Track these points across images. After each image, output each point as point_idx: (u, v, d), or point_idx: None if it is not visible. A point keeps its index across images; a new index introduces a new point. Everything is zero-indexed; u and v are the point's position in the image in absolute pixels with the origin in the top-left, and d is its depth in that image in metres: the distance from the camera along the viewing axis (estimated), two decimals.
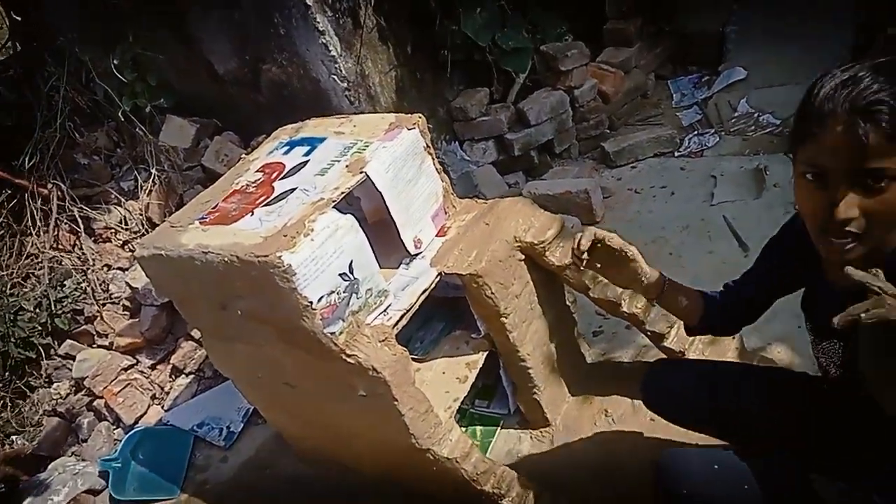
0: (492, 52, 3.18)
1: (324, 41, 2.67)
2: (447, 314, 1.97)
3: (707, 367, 1.61)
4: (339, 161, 1.66)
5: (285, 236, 1.42)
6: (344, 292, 1.50)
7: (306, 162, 1.71)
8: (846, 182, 0.95)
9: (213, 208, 1.65)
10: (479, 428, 2.03)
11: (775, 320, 1.86)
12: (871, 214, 0.95)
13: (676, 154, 3.25)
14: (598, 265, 1.35)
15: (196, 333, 2.64)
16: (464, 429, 1.87)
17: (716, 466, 1.25)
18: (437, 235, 1.80)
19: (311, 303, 1.43)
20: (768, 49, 3.55)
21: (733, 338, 1.87)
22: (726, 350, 1.85)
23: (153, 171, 2.95)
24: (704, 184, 2.96)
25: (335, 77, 2.73)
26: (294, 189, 1.61)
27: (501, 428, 2.01)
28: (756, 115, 3.25)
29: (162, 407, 2.67)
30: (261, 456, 2.35)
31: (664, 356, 1.85)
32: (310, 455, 2.14)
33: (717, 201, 2.82)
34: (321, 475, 2.10)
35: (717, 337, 1.89)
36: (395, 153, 1.65)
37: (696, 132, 3.36)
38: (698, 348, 1.84)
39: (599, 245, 1.31)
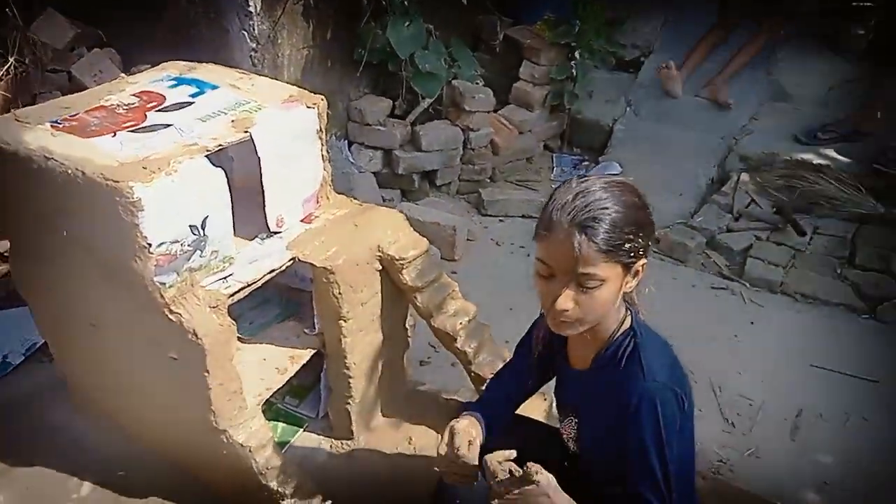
0: (406, 68, 3.21)
1: None
2: (286, 303, 1.92)
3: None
4: (225, 113, 1.58)
5: (144, 168, 1.32)
6: (188, 245, 1.41)
7: (190, 103, 1.62)
8: (565, 280, 1.10)
9: (72, 116, 1.50)
10: (281, 424, 1.97)
11: None
12: (584, 307, 1.12)
13: None
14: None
15: (3, 244, 2.35)
16: (266, 422, 1.81)
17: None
18: (302, 220, 1.75)
19: (150, 245, 1.33)
20: (645, 155, 3.88)
21: (544, 398, 1.98)
22: (536, 410, 1.94)
23: (12, 59, 2.63)
24: None
25: (246, 33, 2.62)
26: (169, 126, 1.51)
27: (304, 430, 1.97)
28: None
29: None
30: (31, 396, 2.11)
31: None
32: (89, 409, 1.96)
33: None
34: (93, 435, 1.92)
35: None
36: (286, 124, 1.60)
37: None
38: None
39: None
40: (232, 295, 1.51)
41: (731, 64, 4.02)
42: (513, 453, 1.16)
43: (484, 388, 1.58)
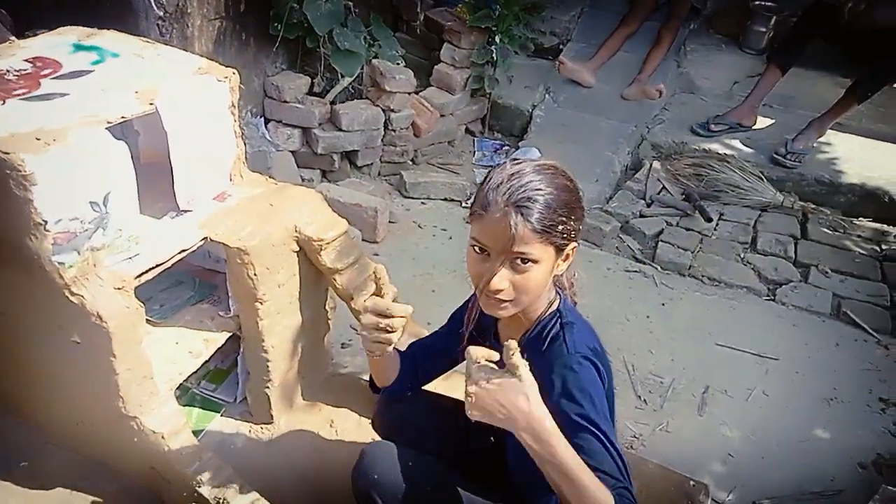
0: (325, 45, 3.13)
1: None
2: (199, 285, 1.84)
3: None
4: (129, 83, 1.48)
5: (38, 139, 1.22)
6: (89, 223, 1.32)
7: (90, 72, 1.51)
8: (500, 259, 1.12)
9: None
10: (197, 410, 1.89)
11: None
12: (518, 288, 1.14)
13: (463, 204, 3.44)
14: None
15: None
16: (181, 407, 1.73)
17: (410, 463, 1.35)
18: (214, 199, 1.68)
19: (45, 222, 1.24)
20: (563, 142, 3.96)
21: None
22: (458, 387, 1.95)
23: None
24: None
25: (152, 0, 2.47)
26: (66, 95, 1.41)
27: (221, 415, 1.90)
28: None
29: None
30: None
31: None
32: None
33: None
34: None
35: (451, 374, 2.01)
36: (195, 97, 1.52)
37: None
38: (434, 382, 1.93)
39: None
40: (139, 276, 1.43)
41: (649, 61, 4.19)
42: (495, 354, 1.10)
43: (410, 346, 1.55)
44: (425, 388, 1.88)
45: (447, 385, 1.95)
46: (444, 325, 1.56)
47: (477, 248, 1.15)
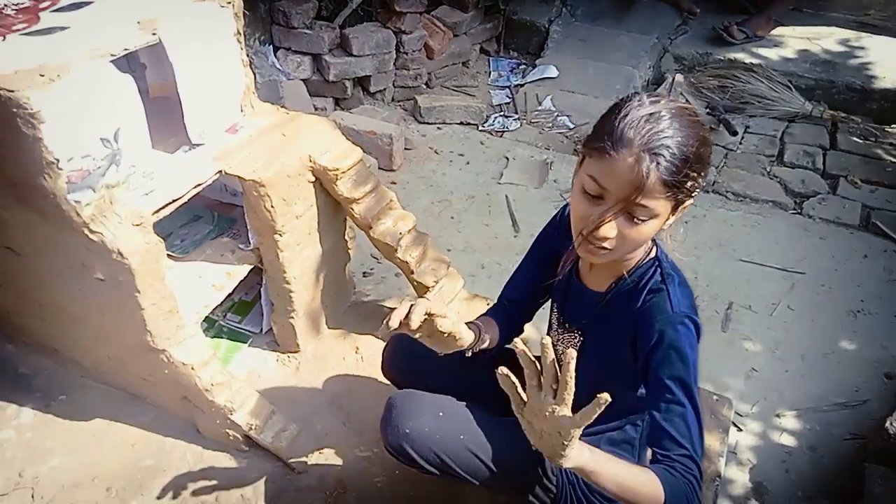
0: None
1: None
2: (218, 219, 1.84)
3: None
4: (129, 14, 1.43)
5: (42, 75, 1.19)
6: (102, 160, 1.31)
7: (89, 3, 1.46)
8: (617, 207, 1.02)
9: None
10: (225, 341, 1.93)
11: None
12: (625, 238, 1.05)
13: (480, 128, 3.37)
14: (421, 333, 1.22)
15: None
16: (210, 339, 1.77)
17: (441, 413, 1.33)
18: (226, 131, 1.65)
19: (57, 161, 1.22)
20: (581, 58, 3.83)
21: (487, 302, 2.00)
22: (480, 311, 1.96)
23: None
24: (497, 162, 3.12)
25: None
26: (66, 28, 1.37)
27: (249, 346, 1.94)
28: (556, 114, 3.49)
29: None
30: None
31: None
32: (20, 336, 1.87)
33: (504, 181, 2.99)
34: (30, 360, 1.85)
35: (474, 297, 2.02)
36: (198, 25, 1.47)
37: (502, 113, 3.52)
38: (454, 306, 1.94)
39: (426, 318, 1.17)
40: (157, 211, 1.43)
41: None
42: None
43: (502, 291, 1.48)
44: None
45: (470, 307, 1.97)
46: (528, 254, 1.45)
47: (591, 188, 1.03)
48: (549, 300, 1.43)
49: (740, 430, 1.95)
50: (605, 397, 0.90)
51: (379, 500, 1.59)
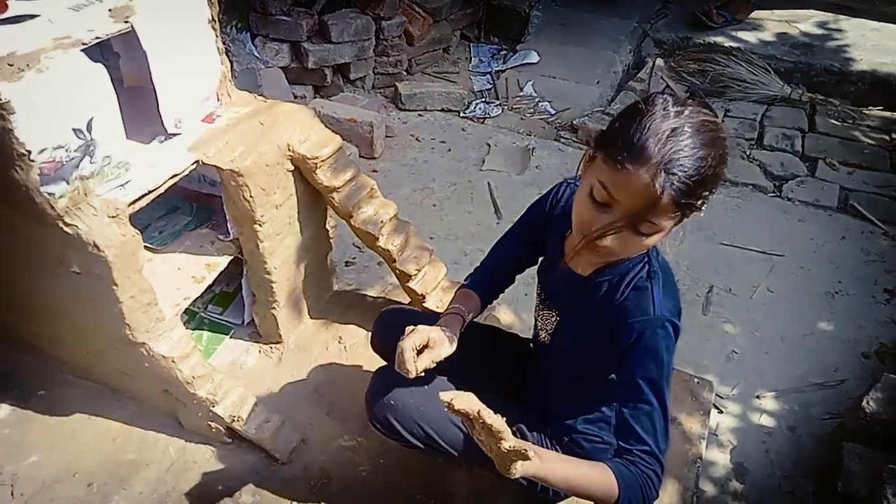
0: None
1: None
2: (197, 209, 1.81)
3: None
4: (101, 2, 1.40)
5: (10, 65, 1.17)
6: (75, 151, 1.28)
7: None
8: (624, 220, 1.00)
9: None
10: (206, 333, 1.92)
11: None
12: (626, 248, 1.05)
13: (462, 114, 3.36)
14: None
15: None
16: (191, 332, 1.75)
17: (425, 386, 1.36)
18: (203, 120, 1.62)
19: (29, 152, 1.20)
20: (562, 43, 3.82)
21: None
22: None
23: None
24: (479, 149, 3.11)
25: None
26: (35, 16, 1.33)
27: (231, 337, 1.93)
28: (537, 99, 3.49)
29: None
30: None
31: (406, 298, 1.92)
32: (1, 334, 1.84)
33: (486, 168, 2.98)
34: (8, 356, 1.82)
35: (456, 285, 2.02)
36: (172, 12, 1.44)
37: (483, 99, 3.50)
38: (437, 294, 1.93)
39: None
40: (132, 203, 1.41)
41: None
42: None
43: (487, 254, 1.51)
44: (424, 305, 1.89)
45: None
46: (515, 226, 1.46)
47: (602, 195, 1.00)
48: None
49: (721, 411, 1.98)
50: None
51: (363, 488, 1.59)
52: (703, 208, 1.03)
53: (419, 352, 1.24)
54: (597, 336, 1.19)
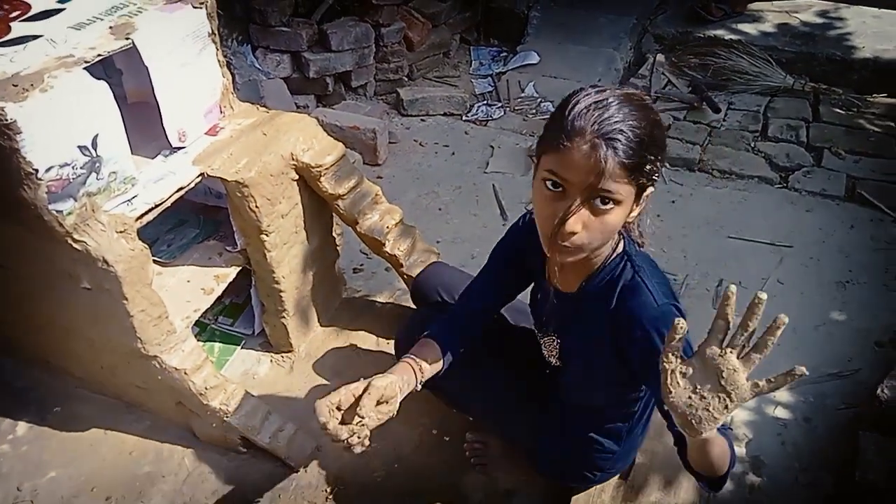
0: None
1: None
2: (204, 222, 1.83)
3: None
4: (102, 19, 1.42)
5: (15, 86, 1.18)
6: (81, 168, 1.30)
7: (60, 10, 1.44)
8: (580, 197, 1.01)
9: None
10: (218, 345, 1.93)
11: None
12: (592, 232, 1.04)
13: (464, 118, 3.36)
14: None
15: None
16: (202, 343, 1.76)
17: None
18: (206, 133, 1.64)
19: (37, 171, 1.21)
20: (562, 43, 3.82)
21: None
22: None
23: None
24: (483, 151, 3.11)
25: None
26: (38, 37, 1.35)
27: (242, 348, 1.94)
28: (539, 100, 3.49)
29: None
30: None
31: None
32: (12, 349, 1.86)
33: (490, 170, 2.99)
34: (23, 373, 1.84)
35: None
36: (172, 27, 1.46)
37: (485, 102, 3.51)
38: None
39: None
40: (140, 217, 1.42)
41: None
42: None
43: (456, 301, 1.50)
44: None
45: None
46: (485, 266, 1.46)
47: (551, 184, 1.02)
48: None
49: None
50: (802, 370, 0.89)
51: (379, 494, 1.59)
52: (655, 179, 1.06)
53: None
54: (599, 351, 1.19)
